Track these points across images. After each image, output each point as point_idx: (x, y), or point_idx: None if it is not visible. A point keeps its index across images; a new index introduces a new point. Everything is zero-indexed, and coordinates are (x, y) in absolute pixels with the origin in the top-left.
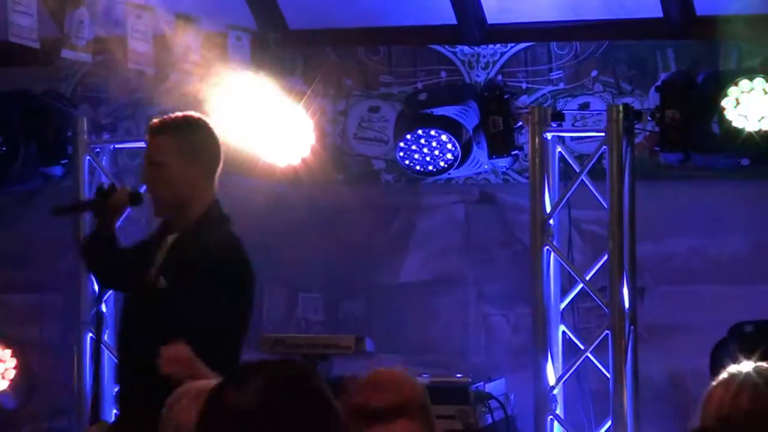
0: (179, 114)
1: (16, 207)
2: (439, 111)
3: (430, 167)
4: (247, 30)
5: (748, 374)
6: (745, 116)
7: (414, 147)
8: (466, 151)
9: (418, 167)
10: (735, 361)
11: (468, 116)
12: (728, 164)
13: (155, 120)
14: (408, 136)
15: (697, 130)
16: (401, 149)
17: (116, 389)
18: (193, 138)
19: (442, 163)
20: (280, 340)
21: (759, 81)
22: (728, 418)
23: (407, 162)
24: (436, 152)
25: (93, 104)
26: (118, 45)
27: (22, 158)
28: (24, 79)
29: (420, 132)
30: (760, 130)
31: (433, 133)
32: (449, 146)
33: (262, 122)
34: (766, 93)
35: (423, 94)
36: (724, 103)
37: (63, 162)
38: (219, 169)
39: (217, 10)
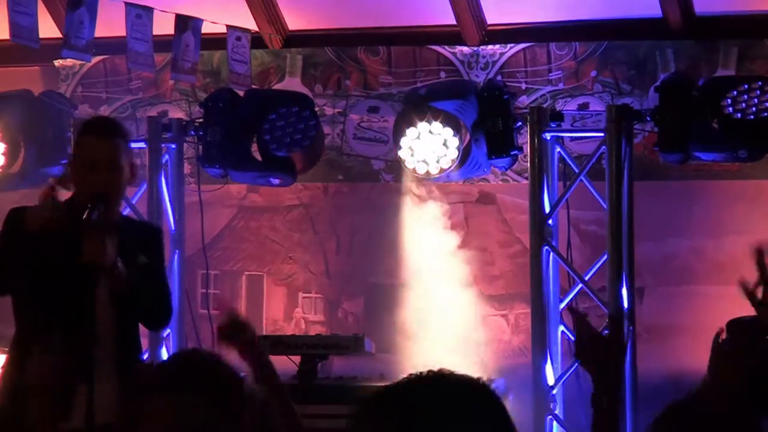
0: (106, 116)
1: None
2: (438, 105)
3: (432, 168)
4: (247, 30)
5: None
6: (742, 111)
7: (415, 144)
8: (466, 151)
9: (419, 170)
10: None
11: (467, 112)
12: (726, 157)
13: (100, 121)
14: (408, 131)
15: (696, 129)
16: (402, 149)
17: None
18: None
19: (443, 165)
20: (280, 340)
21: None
22: None
23: (409, 165)
24: (438, 149)
25: (93, 104)
26: (118, 45)
27: (22, 158)
28: (24, 79)
29: (421, 126)
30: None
31: (434, 128)
32: (450, 143)
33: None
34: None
35: (423, 89)
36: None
37: (63, 162)
38: None
39: (217, 10)
